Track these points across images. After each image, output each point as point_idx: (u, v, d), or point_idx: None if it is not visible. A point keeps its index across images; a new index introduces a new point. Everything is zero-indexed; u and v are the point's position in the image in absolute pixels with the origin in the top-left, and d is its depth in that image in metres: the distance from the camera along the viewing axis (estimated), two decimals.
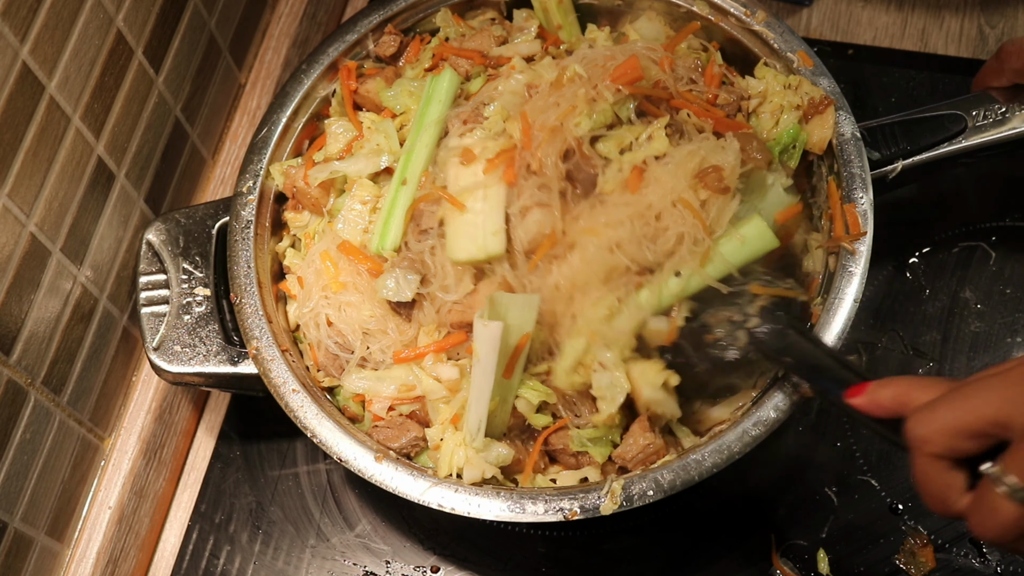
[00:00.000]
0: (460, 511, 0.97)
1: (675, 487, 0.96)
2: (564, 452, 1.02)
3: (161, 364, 1.07)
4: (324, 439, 1.01)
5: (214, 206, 1.15)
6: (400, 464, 0.99)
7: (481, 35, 1.18)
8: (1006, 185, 1.28)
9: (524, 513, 0.96)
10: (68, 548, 1.12)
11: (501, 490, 0.97)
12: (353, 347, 1.06)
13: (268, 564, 1.15)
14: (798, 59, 1.12)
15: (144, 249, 1.12)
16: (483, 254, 1.00)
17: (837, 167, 1.07)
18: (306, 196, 1.12)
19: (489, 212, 1.01)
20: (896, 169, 1.10)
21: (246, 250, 1.10)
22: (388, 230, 1.06)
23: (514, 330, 0.97)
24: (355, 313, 1.06)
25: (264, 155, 1.14)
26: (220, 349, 1.08)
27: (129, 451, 1.16)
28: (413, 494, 0.97)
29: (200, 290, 1.11)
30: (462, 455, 0.99)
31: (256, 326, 1.06)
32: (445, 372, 1.03)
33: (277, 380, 1.04)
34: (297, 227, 1.14)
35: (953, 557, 1.10)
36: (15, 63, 0.92)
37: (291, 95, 1.16)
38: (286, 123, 1.16)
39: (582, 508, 0.95)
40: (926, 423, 0.75)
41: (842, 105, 1.09)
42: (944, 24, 1.40)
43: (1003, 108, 1.10)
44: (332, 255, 1.08)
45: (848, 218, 1.04)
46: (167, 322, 1.09)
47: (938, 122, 1.10)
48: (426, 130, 1.08)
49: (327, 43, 1.18)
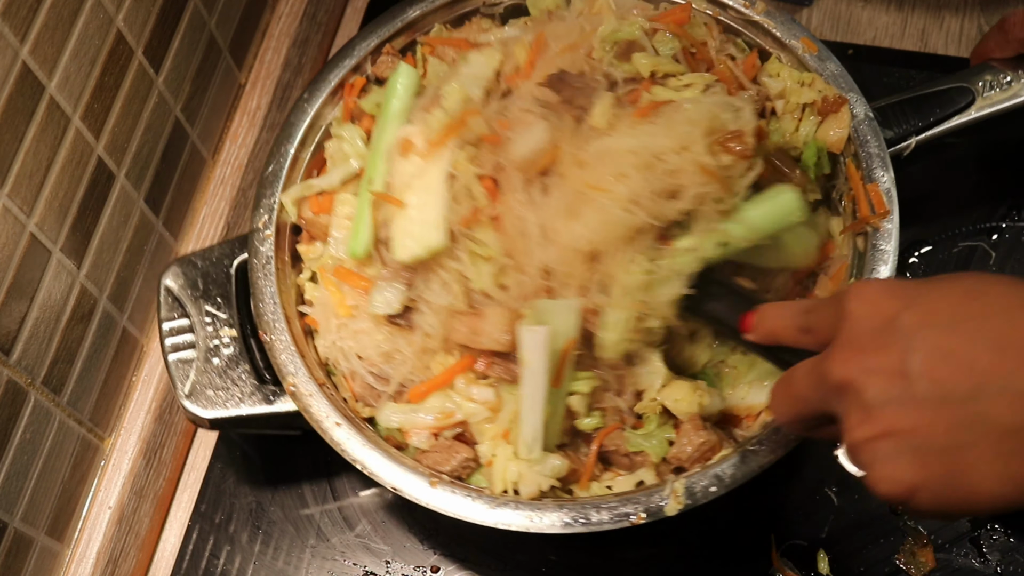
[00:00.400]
0: (521, 527, 0.94)
1: (737, 480, 0.95)
2: (618, 453, 1.01)
3: (196, 411, 1.04)
4: (375, 470, 0.98)
5: (229, 245, 1.12)
6: (456, 487, 0.97)
7: (469, 27, 1.18)
8: (1006, 185, 1.28)
9: (589, 523, 0.94)
10: (68, 548, 1.12)
11: (563, 503, 0.95)
12: (384, 374, 1.04)
13: (268, 564, 1.15)
14: (802, 46, 1.12)
15: (163, 295, 1.09)
16: (425, 251, 0.98)
17: (854, 148, 1.07)
18: (315, 225, 1.10)
19: (427, 203, 0.98)
20: (910, 146, 1.11)
21: (270, 286, 1.07)
22: (358, 234, 1.04)
23: (559, 336, 0.95)
24: (369, 339, 1.04)
25: (276, 188, 1.12)
26: (254, 389, 1.05)
27: (129, 451, 1.16)
28: (474, 516, 0.95)
29: (226, 331, 1.08)
30: (515, 470, 0.97)
31: (290, 362, 1.03)
32: (481, 394, 1.01)
33: (319, 415, 1.01)
34: (311, 259, 1.12)
35: (953, 557, 1.10)
36: (15, 63, 0.92)
37: (296, 125, 1.14)
38: (294, 154, 1.13)
39: (647, 512, 0.94)
40: (776, 415, 0.83)
41: (852, 87, 1.10)
42: (944, 24, 1.40)
43: (1008, 77, 1.11)
44: (335, 281, 1.06)
45: (872, 197, 1.04)
46: (196, 367, 1.06)
47: (946, 96, 1.11)
48: (388, 127, 1.06)
49: (326, 70, 1.17)
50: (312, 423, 1.01)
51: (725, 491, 0.95)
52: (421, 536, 1.15)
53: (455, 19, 1.21)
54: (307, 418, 1.01)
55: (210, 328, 1.08)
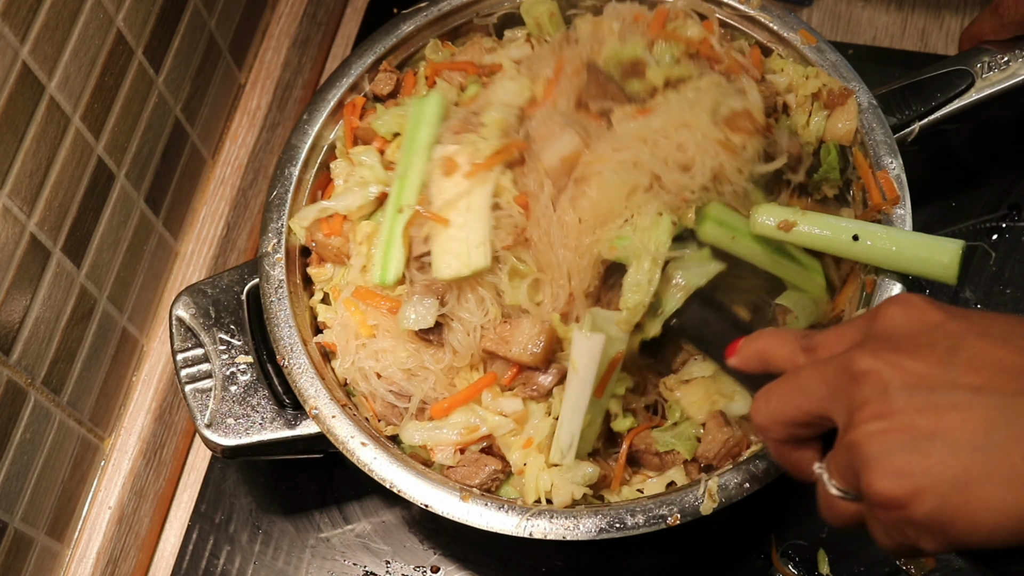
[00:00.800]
0: (558, 536, 0.94)
1: (771, 475, 0.94)
2: (647, 452, 1.01)
3: (217, 440, 1.03)
4: (404, 488, 0.97)
5: (238, 271, 1.12)
6: (488, 499, 0.96)
7: (471, 48, 1.18)
8: (1007, 185, 1.28)
9: (625, 528, 0.94)
10: (68, 548, 1.12)
11: (597, 509, 0.95)
12: (405, 392, 1.03)
13: (268, 564, 1.15)
14: (801, 38, 1.13)
15: (175, 326, 1.08)
16: (468, 270, 0.98)
17: (860, 137, 1.08)
18: (326, 247, 1.10)
19: (473, 223, 0.99)
20: (913, 131, 1.11)
21: (283, 310, 1.07)
22: (389, 261, 1.03)
23: (611, 344, 0.94)
24: (391, 357, 1.03)
25: (283, 212, 1.11)
26: (275, 415, 1.04)
27: (129, 451, 1.16)
28: (507, 528, 0.95)
29: (242, 358, 1.07)
30: (547, 479, 0.97)
31: (309, 385, 1.03)
32: (509, 405, 1.00)
33: (343, 436, 1.00)
34: (321, 281, 1.11)
35: (953, 557, 1.09)
36: (15, 63, 0.92)
37: (298, 147, 1.14)
38: (298, 176, 1.13)
39: (682, 513, 0.94)
40: (762, 413, 0.75)
41: (854, 77, 1.11)
42: (944, 24, 1.40)
43: (1005, 57, 1.12)
44: (355, 302, 1.05)
45: (883, 184, 1.05)
46: (214, 396, 1.05)
47: (945, 79, 1.12)
48: (418, 154, 1.05)
49: (324, 89, 1.17)
50: (337, 445, 1.00)
51: (760, 487, 0.95)
52: (421, 536, 1.15)
53: (448, 32, 1.21)
54: (332, 440, 1.01)
55: (225, 356, 1.07)
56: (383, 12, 1.42)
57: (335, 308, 1.08)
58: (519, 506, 0.96)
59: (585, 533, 0.94)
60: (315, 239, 1.10)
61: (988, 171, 1.29)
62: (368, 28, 1.45)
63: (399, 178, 1.06)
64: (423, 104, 1.09)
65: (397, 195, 1.05)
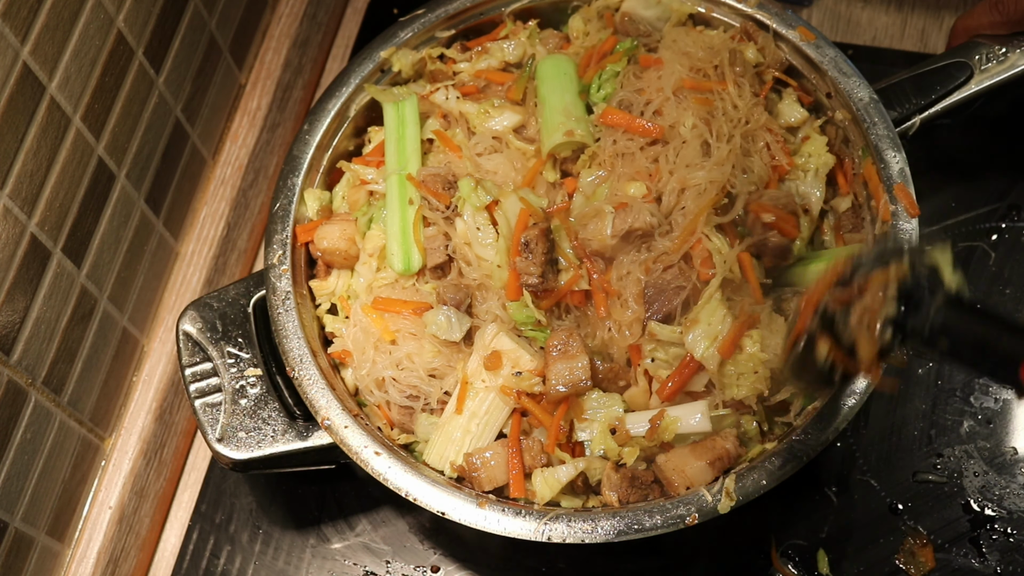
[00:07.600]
0: (577, 540, 0.95)
1: (786, 472, 0.95)
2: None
3: (228, 454, 1.03)
4: (419, 496, 0.98)
5: (244, 284, 1.11)
6: (505, 505, 0.97)
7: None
8: (1006, 185, 1.28)
9: (644, 529, 0.94)
10: (68, 548, 1.12)
11: (615, 511, 0.96)
12: (421, 392, 1.04)
13: (268, 564, 1.15)
14: (799, 35, 1.13)
15: (183, 341, 1.07)
16: (451, 470, 1.01)
17: (863, 131, 1.09)
18: (334, 253, 1.10)
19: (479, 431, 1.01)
20: (915, 125, 1.12)
21: (291, 321, 1.06)
22: (409, 250, 1.05)
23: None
24: (418, 359, 1.04)
25: (287, 223, 1.12)
26: (286, 427, 1.04)
27: (129, 451, 1.16)
28: (525, 533, 0.95)
29: (250, 371, 1.06)
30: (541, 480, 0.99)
31: (320, 396, 1.02)
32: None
33: (356, 446, 1.00)
34: (324, 295, 1.11)
35: (953, 557, 1.10)
36: (16, 63, 0.92)
37: (300, 158, 1.15)
38: (301, 187, 1.14)
39: (700, 512, 0.94)
40: None
41: (853, 71, 1.11)
42: (944, 24, 1.40)
43: (1003, 48, 1.13)
44: (373, 310, 1.06)
45: (903, 200, 1.05)
46: (224, 410, 1.04)
47: (945, 72, 1.13)
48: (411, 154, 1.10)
49: (324, 99, 1.17)
50: (351, 455, 1.00)
51: (776, 483, 0.95)
52: (421, 536, 1.15)
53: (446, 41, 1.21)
54: (345, 450, 1.00)
55: (234, 369, 1.06)
56: (383, 13, 1.43)
57: (352, 316, 1.08)
58: (536, 511, 0.96)
59: (604, 535, 0.94)
60: (320, 248, 1.10)
61: (988, 172, 1.29)
62: (368, 28, 1.46)
63: (397, 173, 1.08)
64: (402, 107, 1.12)
65: (400, 190, 1.07)
